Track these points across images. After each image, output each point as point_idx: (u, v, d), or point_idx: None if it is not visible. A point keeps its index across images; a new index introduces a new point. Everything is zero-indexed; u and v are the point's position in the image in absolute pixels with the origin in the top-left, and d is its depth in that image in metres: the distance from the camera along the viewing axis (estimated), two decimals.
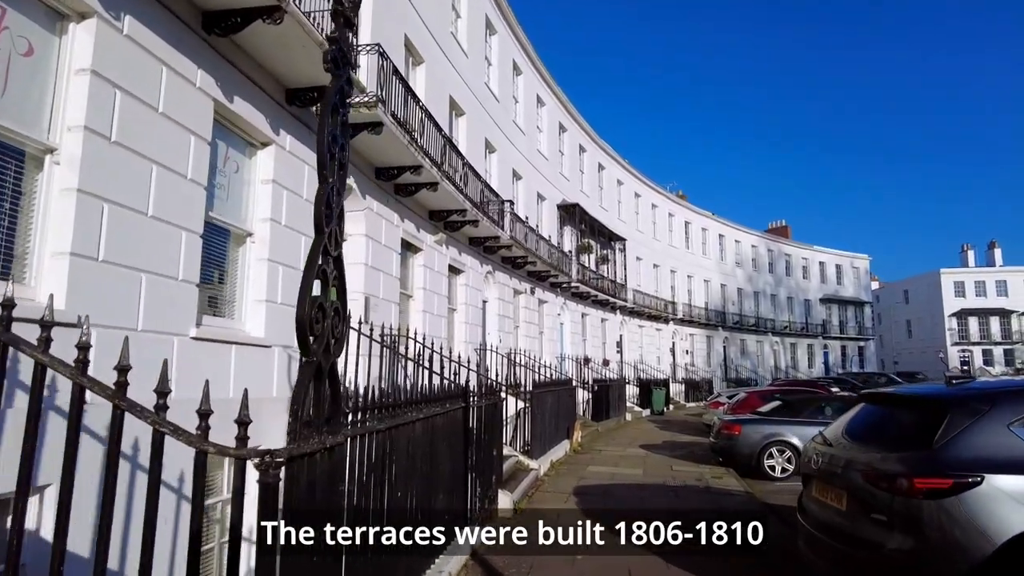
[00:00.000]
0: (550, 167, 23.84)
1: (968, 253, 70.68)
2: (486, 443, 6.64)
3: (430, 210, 12.74)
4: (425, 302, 12.41)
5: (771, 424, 11.02)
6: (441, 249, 13.40)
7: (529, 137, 21.63)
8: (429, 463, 4.78)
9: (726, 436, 11.19)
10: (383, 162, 10.12)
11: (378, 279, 10.23)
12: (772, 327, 47.87)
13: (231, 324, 6.86)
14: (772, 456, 10.79)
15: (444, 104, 14.24)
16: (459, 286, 15.01)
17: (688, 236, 41.48)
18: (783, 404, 11.78)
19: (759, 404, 15.68)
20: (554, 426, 11.96)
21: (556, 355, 22.45)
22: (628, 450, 13.70)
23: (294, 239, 7.72)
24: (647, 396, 26.30)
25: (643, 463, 11.71)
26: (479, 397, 6.58)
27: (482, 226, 14.17)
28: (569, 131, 26.37)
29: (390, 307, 10.63)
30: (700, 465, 11.53)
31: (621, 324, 31.24)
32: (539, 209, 22.83)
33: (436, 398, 4.97)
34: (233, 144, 6.98)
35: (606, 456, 12.63)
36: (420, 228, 12.34)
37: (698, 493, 8.78)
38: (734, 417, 11.71)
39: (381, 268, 10.36)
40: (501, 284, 17.73)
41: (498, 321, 17.39)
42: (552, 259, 20.59)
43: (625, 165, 33.24)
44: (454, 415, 5.36)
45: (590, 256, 27.10)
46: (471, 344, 15.15)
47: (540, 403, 10.46)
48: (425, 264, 12.54)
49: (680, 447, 14.54)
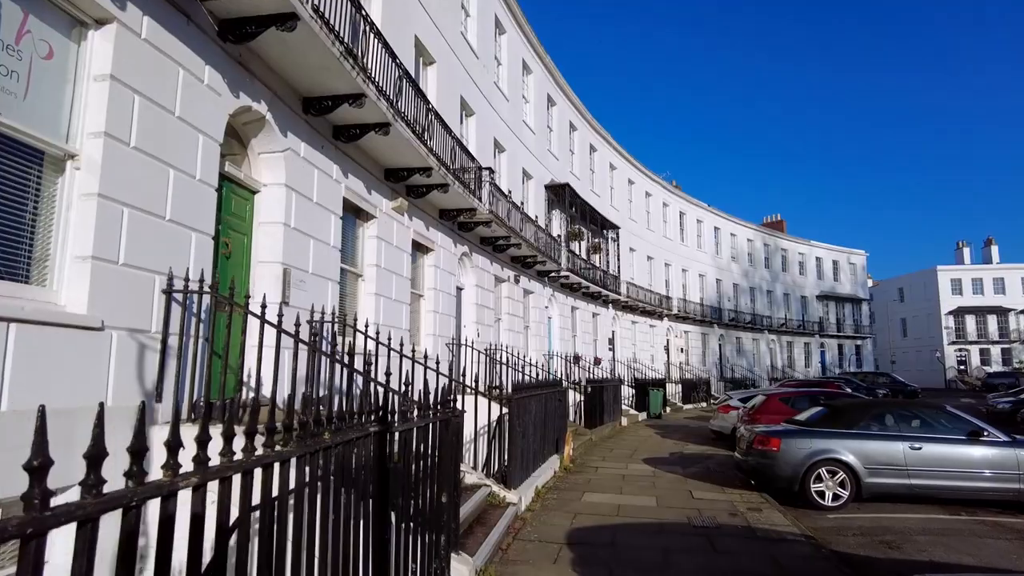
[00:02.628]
0: (537, 142, 21.32)
1: (964, 250, 69.21)
2: (432, 481, 4.13)
3: (385, 167, 10.17)
4: (379, 283, 9.84)
5: (819, 437, 8.58)
6: (402, 219, 10.84)
7: (514, 105, 19.10)
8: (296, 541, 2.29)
9: (760, 452, 8.73)
10: (310, 88, 7.55)
11: (305, 248, 7.66)
12: (768, 325, 45.76)
13: (32, 293, 4.34)
14: (821, 479, 8.35)
15: (406, 40, 11.66)
16: (427, 267, 12.45)
17: (683, 228, 39.18)
18: (830, 411, 9.33)
19: (783, 409, 13.29)
20: (540, 439, 9.44)
21: (543, 352, 19.96)
22: (631, 466, 11.21)
23: (151, 168, 5.14)
24: (643, 398, 23.89)
25: (653, 487, 9.23)
26: (427, 412, 4.06)
27: (453, 194, 11.62)
28: (558, 105, 23.86)
29: (325, 286, 8.06)
30: (726, 489, 9.06)
31: (614, 319, 28.81)
32: (525, 189, 20.31)
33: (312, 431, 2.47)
34: (44, 16, 4.52)
35: (605, 476, 10.14)
36: (372, 189, 9.77)
37: (741, 540, 6.30)
38: (770, 428, 9.23)
39: (311, 233, 7.78)
40: (480, 269, 15.20)
41: (476, 312, 14.85)
42: (539, 243, 18.07)
43: (618, 148, 30.81)
44: (348, 452, 2.84)
45: (581, 244, 24.61)
46: (442, 338, 12.61)
47: (522, 411, 7.94)
48: (379, 236, 9.97)
49: (691, 461, 12.09)
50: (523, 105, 20.45)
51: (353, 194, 9.10)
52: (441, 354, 12.48)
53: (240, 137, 7.20)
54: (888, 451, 8.34)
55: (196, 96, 5.77)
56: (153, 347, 5.15)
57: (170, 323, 5.25)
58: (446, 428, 4.34)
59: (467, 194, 12.10)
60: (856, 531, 7.11)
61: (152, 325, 5.14)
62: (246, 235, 7.10)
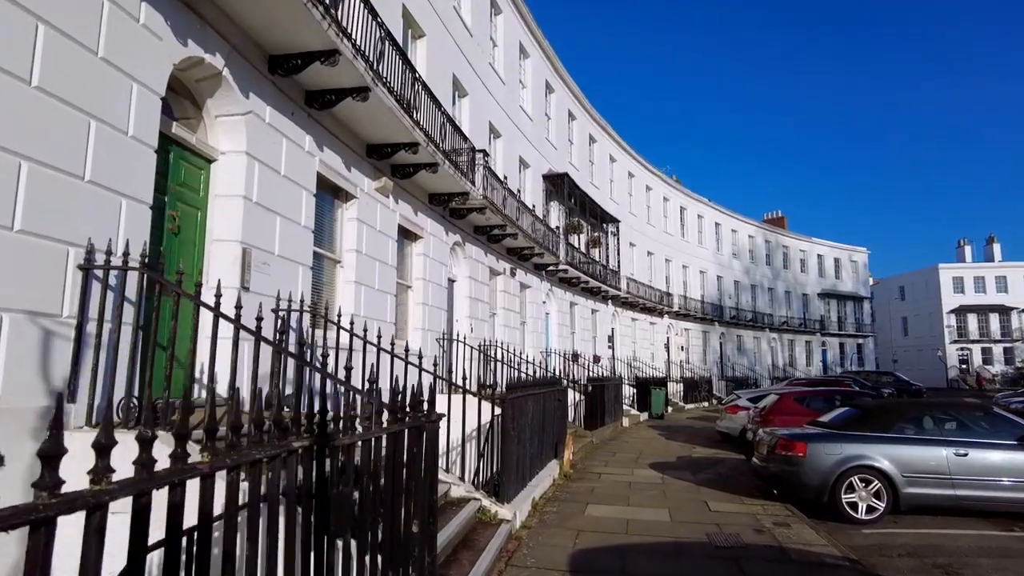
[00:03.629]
0: (535, 130, 20.36)
1: (965, 248, 68.41)
2: (397, 505, 3.19)
3: (367, 143, 9.22)
4: (359, 270, 8.90)
5: (850, 442, 7.65)
6: (387, 202, 9.90)
7: (510, 90, 18.14)
8: None
9: (784, 458, 7.80)
10: (276, 43, 6.59)
11: (270, 226, 6.71)
12: (770, 323, 44.90)
13: None
14: (853, 488, 7.43)
15: (393, 9, 10.68)
16: (415, 256, 11.50)
17: (684, 223, 38.26)
18: (860, 412, 8.39)
19: (798, 410, 12.38)
20: (537, 444, 8.51)
21: (541, 350, 19.03)
22: (636, 472, 10.29)
23: (62, 116, 4.18)
24: (644, 397, 22.97)
25: (663, 496, 8.30)
26: (397, 418, 3.13)
27: (444, 175, 10.68)
28: (557, 92, 22.91)
29: (294, 270, 7.11)
30: (744, 500, 8.14)
31: (613, 316, 27.89)
32: (522, 178, 19.36)
33: None
34: None
35: (609, 484, 9.21)
36: (352, 166, 8.82)
37: (774, 566, 5.37)
38: (794, 431, 8.29)
39: (277, 210, 6.83)
40: (474, 260, 14.25)
41: (469, 306, 13.91)
42: (536, 235, 17.13)
43: (618, 140, 29.87)
44: (256, 478, 1.91)
45: (580, 237, 23.66)
46: (432, 333, 11.66)
47: (517, 412, 7.00)
48: (360, 218, 9.02)
49: (702, 466, 11.17)
50: (520, 91, 19.49)
51: (330, 170, 8.14)
52: (432, 350, 11.55)
53: (194, 98, 6.24)
54: (929, 457, 7.42)
55: (128, 36, 4.82)
56: (65, 335, 4.19)
57: (89, 306, 4.31)
58: (418, 437, 3.40)
59: (459, 176, 11.16)
60: (902, 551, 6.19)
61: (64, 308, 4.19)
62: (199, 209, 6.14)
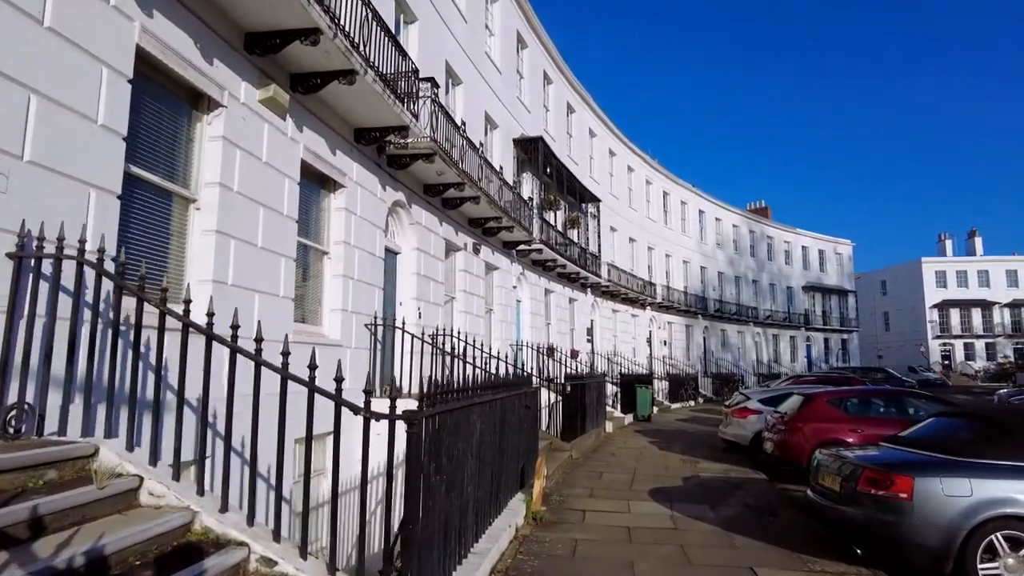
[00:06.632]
0: (504, 86, 17.36)
1: (946, 243, 67.34)
2: None
3: (244, 30, 6.13)
4: (227, 215, 5.84)
5: (980, 475, 4.85)
6: (280, 124, 6.84)
7: (473, 29, 15.12)
8: None
9: (875, 500, 4.96)
10: None
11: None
12: (754, 316, 42.63)
13: None
14: (995, 553, 4.63)
15: None
16: (333, 210, 8.46)
17: (667, 209, 35.65)
18: (974, 425, 5.56)
19: (837, 416, 9.62)
20: (489, 479, 5.55)
21: (511, 342, 16.10)
22: (634, 507, 7.40)
23: None
24: (628, 396, 20.22)
25: (683, 557, 5.41)
26: None
27: (367, 93, 7.64)
28: (530, 48, 19.95)
29: (82, 192, 4.00)
30: (809, 563, 5.29)
31: (593, 307, 25.09)
32: (489, 141, 16.33)
33: None
34: None
35: (599, 533, 6.29)
36: (215, 59, 5.74)
37: None
38: (886, 457, 5.44)
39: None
40: (424, 228, 11.25)
41: (417, 284, 10.91)
42: (504, 203, 14.17)
43: (599, 113, 27.04)
44: None
45: (556, 215, 20.74)
46: (358, 315, 8.65)
47: (448, 436, 4.04)
48: (227, 137, 5.95)
49: (718, 492, 8.35)
50: (486, 36, 16.47)
51: (179, 60, 5.06)
52: (359, 340, 8.55)
53: None
54: None
55: None
56: None
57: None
58: None
59: (392, 101, 8.13)
60: None
61: None
62: None
